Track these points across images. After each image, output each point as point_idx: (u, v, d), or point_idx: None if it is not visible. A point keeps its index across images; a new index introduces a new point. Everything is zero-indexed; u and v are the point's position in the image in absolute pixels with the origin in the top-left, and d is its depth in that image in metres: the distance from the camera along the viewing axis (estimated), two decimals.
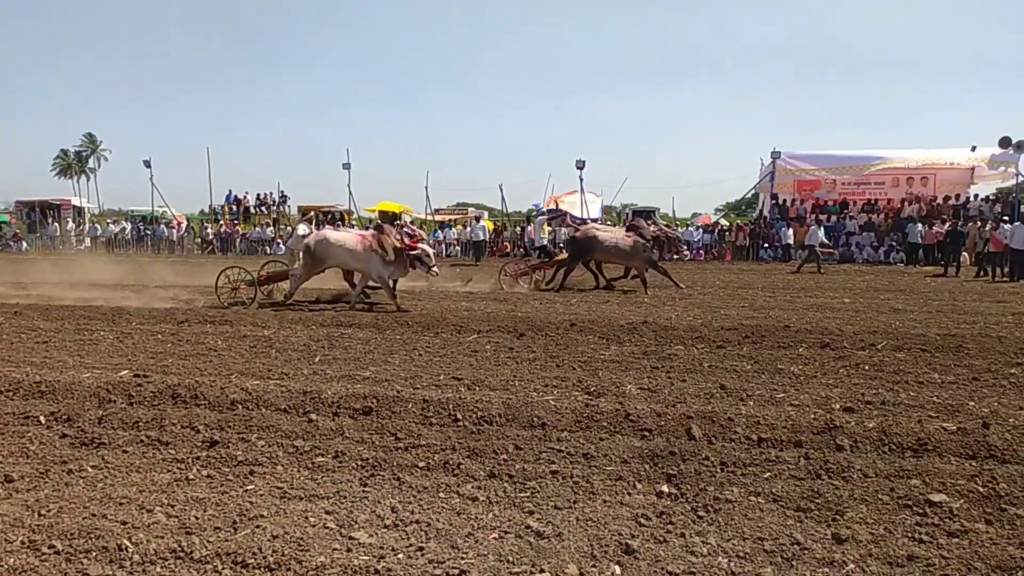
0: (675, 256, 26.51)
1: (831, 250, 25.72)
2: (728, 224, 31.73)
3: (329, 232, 11.51)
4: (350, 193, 34.74)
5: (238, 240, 32.42)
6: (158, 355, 7.05)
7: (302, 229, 14.48)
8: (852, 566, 2.82)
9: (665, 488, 3.67)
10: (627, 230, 14.12)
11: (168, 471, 3.94)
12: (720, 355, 6.94)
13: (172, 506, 3.43)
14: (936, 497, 3.45)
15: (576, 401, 5.15)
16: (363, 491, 3.65)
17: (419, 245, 10.51)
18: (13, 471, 3.86)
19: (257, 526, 3.21)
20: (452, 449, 4.24)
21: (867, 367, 6.37)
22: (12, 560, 2.86)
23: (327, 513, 3.36)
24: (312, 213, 23.78)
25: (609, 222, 32.16)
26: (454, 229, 32.19)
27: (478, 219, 29.74)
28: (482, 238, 27.38)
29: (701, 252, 28.05)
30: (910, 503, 3.42)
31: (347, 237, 10.83)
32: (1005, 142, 25.77)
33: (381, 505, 3.46)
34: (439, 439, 4.40)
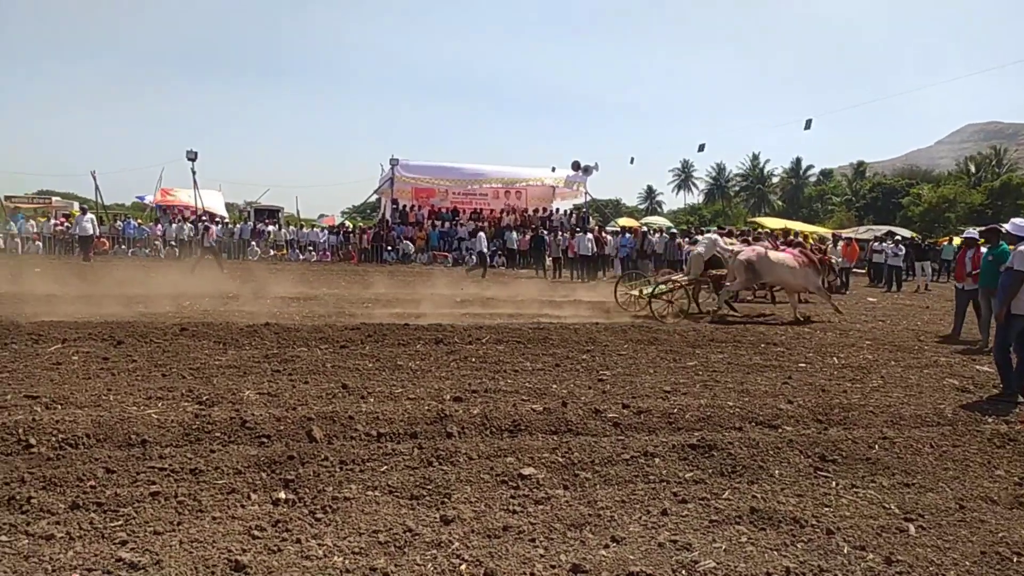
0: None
1: (445, 253, 27.98)
2: (352, 226, 32.31)
3: (770, 252, 11.48)
4: None
5: None
6: None
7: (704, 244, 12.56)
8: (457, 544, 3.06)
9: (282, 494, 3.55)
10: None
11: None
12: (343, 355, 7.00)
13: None
14: (527, 471, 3.94)
15: (184, 412, 4.70)
16: None
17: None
18: None
19: None
20: (21, 481, 3.53)
21: (474, 359, 7.02)
22: None
23: None
24: None
25: (227, 220, 30.34)
26: (33, 221, 27.04)
27: (85, 211, 25.41)
28: (91, 233, 23.27)
29: (328, 253, 28.08)
30: (506, 479, 3.85)
31: (785, 256, 11.41)
32: (575, 165, 31.02)
33: None
34: (3, 471, 3.62)
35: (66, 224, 26.88)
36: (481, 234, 23.89)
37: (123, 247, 26.33)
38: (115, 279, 14.87)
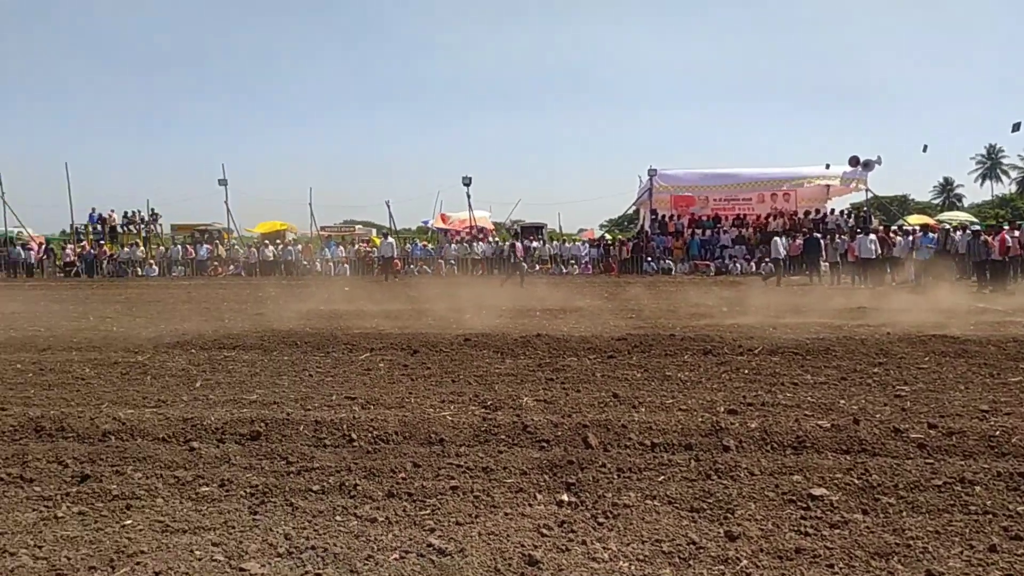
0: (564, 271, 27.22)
1: (706, 263, 27.18)
2: (612, 239, 32.82)
3: None
4: (228, 211, 33.35)
5: (105, 262, 30.29)
6: (17, 386, 6.46)
7: None
8: (745, 562, 2.95)
9: (565, 497, 3.71)
10: None
11: (34, 510, 3.59)
12: (611, 365, 7.13)
13: (39, 547, 3.13)
14: (817, 491, 3.67)
15: (473, 416, 5.13)
16: (253, 520, 3.46)
17: None
18: None
19: (137, 563, 2.98)
20: (347, 470, 4.11)
21: (746, 371, 6.73)
22: None
23: (214, 545, 3.16)
24: None
25: (497, 240, 32.53)
26: (341, 247, 31.51)
27: (386, 236, 29.43)
28: (391, 255, 27.31)
29: (589, 266, 28.83)
30: (794, 498, 3.62)
31: None
32: (854, 161, 28.28)
33: (273, 533, 3.30)
34: (333, 461, 4.26)
35: (368, 248, 31.01)
36: (777, 239, 22.86)
37: (411, 266, 29.57)
38: (426, 295, 16.76)
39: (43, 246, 32.65)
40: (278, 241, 32.50)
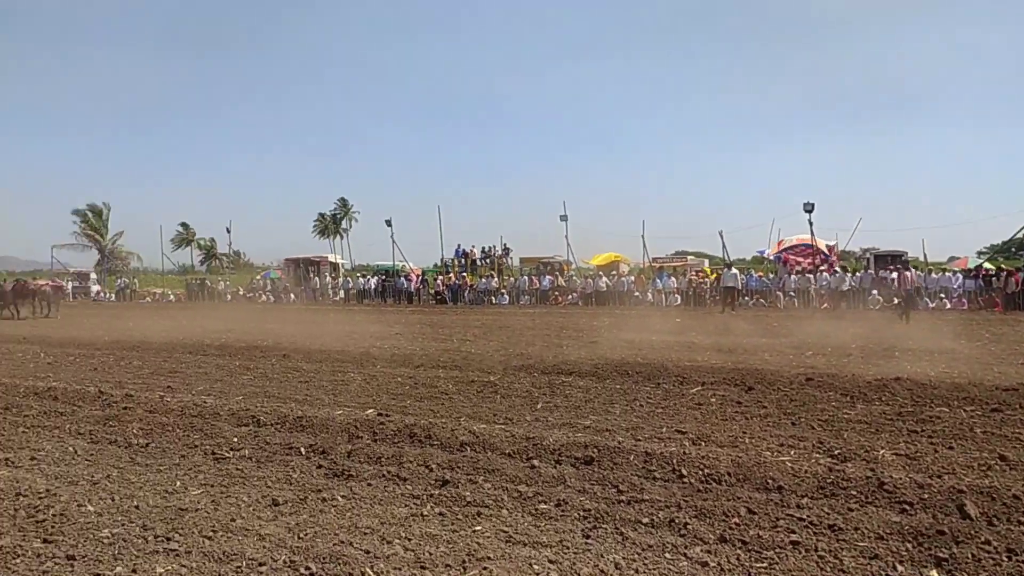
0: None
1: None
2: (995, 268, 27.69)
3: None
4: (568, 244, 35.71)
5: (467, 291, 34.53)
6: (398, 396, 7.62)
7: None
8: None
9: (934, 574, 3.16)
10: None
11: (406, 506, 4.18)
12: (996, 420, 5.95)
13: (409, 539, 3.62)
14: None
15: (817, 464, 4.68)
16: (586, 543, 3.58)
17: None
18: (279, 495, 4.33)
19: (485, 567, 3.27)
20: (677, 507, 4.03)
21: None
22: None
23: (550, 562, 3.33)
24: None
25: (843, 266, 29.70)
26: (673, 278, 31.54)
27: (729, 266, 28.32)
28: (735, 285, 25.80)
29: (964, 300, 24.68)
30: None
31: None
32: None
33: (604, 560, 3.36)
34: (663, 495, 4.22)
35: (701, 279, 30.70)
36: None
37: (746, 298, 28.37)
38: (761, 328, 16.09)
39: (419, 277, 38.42)
40: (612, 272, 33.86)
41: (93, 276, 47.49)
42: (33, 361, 11.12)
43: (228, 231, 47.04)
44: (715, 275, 31.31)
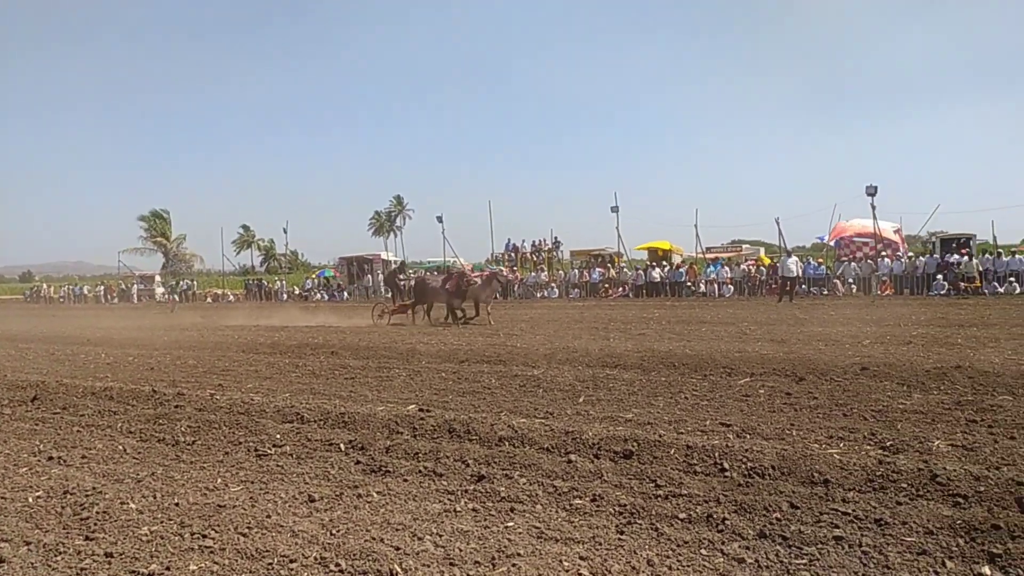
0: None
1: None
2: None
3: None
4: (619, 235, 35.33)
5: (516, 286, 34.51)
6: (440, 391, 7.63)
7: None
8: None
9: (986, 570, 2.97)
10: None
11: (439, 501, 4.16)
12: None
13: (440, 536, 3.59)
14: None
15: (867, 457, 4.47)
16: (619, 539, 3.49)
17: None
18: (316, 492, 4.36)
19: (513, 564, 3.21)
20: (716, 502, 3.90)
21: None
22: (306, 574, 3.19)
23: (581, 559, 3.26)
24: None
25: (911, 253, 28.60)
26: (725, 267, 30.86)
27: (789, 254, 27.33)
28: (795, 273, 25.00)
29: None
30: None
31: None
32: None
33: (637, 556, 3.27)
34: (702, 490, 4.09)
35: (756, 267, 29.95)
36: None
37: (803, 287, 27.57)
38: (817, 317, 15.62)
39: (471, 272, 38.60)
40: (664, 263, 33.36)
41: (157, 279, 49.30)
42: (94, 362, 11.56)
43: (285, 231, 48.17)
44: (771, 264, 30.54)
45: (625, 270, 33.93)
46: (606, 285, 32.44)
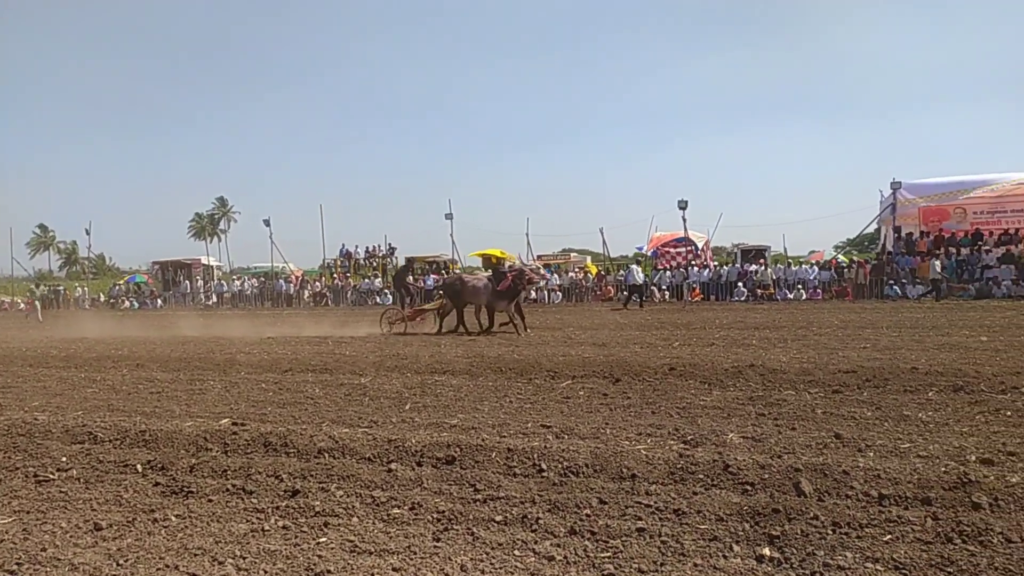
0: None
1: (965, 285, 23.72)
2: (847, 261, 29.96)
3: None
4: (453, 243, 35.57)
5: (349, 292, 33.66)
6: (259, 403, 7.23)
7: None
8: None
9: (766, 551, 3.26)
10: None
11: (247, 521, 3.91)
12: (836, 400, 6.35)
13: (244, 558, 3.37)
14: None
15: (670, 451, 4.78)
16: (435, 547, 3.46)
17: None
18: (103, 519, 3.95)
19: None
20: (532, 502, 3.99)
21: (1009, 413, 5.62)
22: None
23: (394, 570, 3.19)
24: None
25: (715, 261, 31.24)
26: (555, 274, 32.04)
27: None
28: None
29: (819, 291, 26.53)
30: None
31: None
32: None
33: (451, 563, 3.26)
34: (520, 491, 4.16)
35: (582, 275, 31.32)
36: (933, 260, 19.59)
37: (624, 293, 29.19)
38: (637, 322, 16.49)
39: (300, 279, 37.11)
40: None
41: None
42: None
43: (87, 232, 43.57)
44: (599, 271, 32.13)
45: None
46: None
